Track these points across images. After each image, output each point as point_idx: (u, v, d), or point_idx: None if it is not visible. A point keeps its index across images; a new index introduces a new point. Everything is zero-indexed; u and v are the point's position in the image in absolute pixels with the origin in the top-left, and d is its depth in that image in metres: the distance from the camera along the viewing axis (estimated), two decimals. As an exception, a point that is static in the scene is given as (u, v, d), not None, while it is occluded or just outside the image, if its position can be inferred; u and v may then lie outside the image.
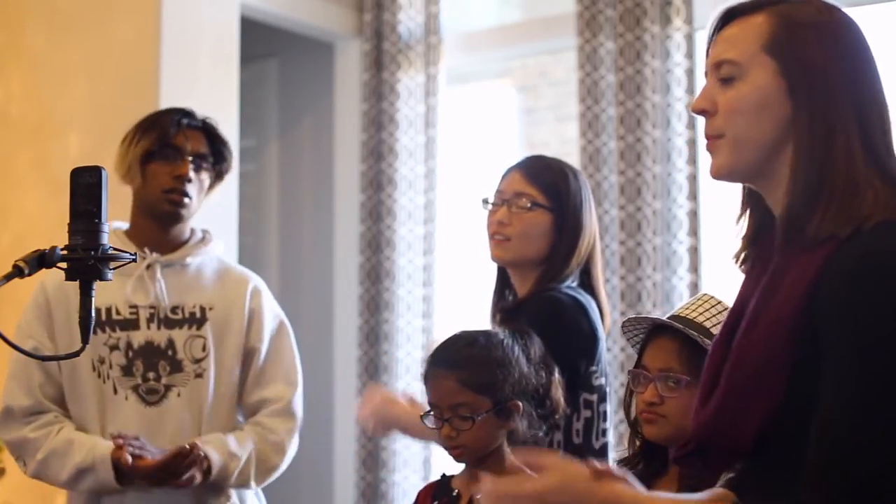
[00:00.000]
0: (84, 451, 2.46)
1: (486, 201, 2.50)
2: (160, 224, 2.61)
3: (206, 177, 2.64)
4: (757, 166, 1.47)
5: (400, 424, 2.45)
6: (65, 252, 1.48)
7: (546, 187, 2.43)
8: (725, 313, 1.87)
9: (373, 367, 4.20)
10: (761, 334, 1.40)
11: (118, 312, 2.55)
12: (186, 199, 2.58)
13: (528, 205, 2.41)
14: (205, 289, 2.63)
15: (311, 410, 4.46)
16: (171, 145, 2.58)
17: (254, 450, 2.57)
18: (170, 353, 2.55)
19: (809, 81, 1.43)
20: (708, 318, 1.91)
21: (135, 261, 1.58)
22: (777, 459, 1.42)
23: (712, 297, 1.95)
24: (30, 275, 1.45)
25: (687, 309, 1.95)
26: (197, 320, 2.58)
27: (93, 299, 1.51)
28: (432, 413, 2.02)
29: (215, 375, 2.58)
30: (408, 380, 4.10)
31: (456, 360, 2.01)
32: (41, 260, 1.46)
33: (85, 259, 1.47)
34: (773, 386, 1.37)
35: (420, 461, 4.05)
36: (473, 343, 2.04)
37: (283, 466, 2.66)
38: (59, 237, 1.50)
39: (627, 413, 2.01)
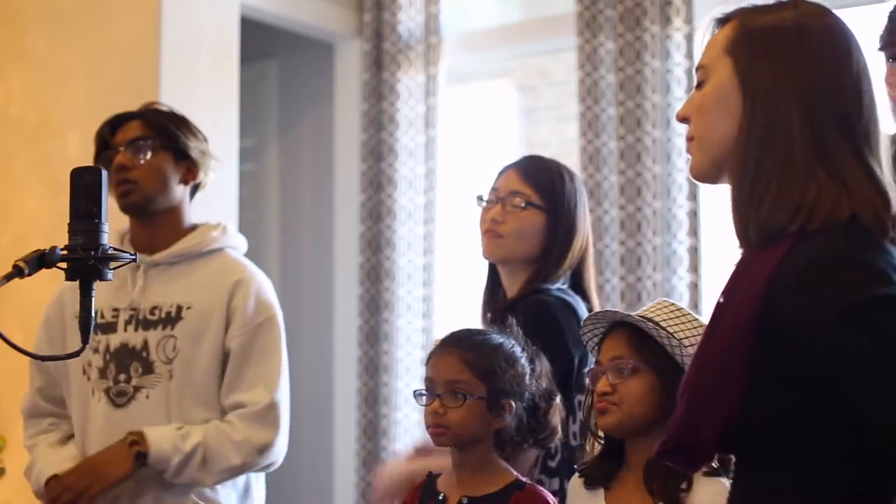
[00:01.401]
0: (33, 478, 2.55)
1: (480, 198, 2.50)
2: (141, 222, 2.58)
3: (158, 159, 2.54)
4: (720, 164, 1.49)
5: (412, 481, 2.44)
6: (65, 252, 1.48)
7: (541, 187, 2.43)
8: (681, 316, 1.93)
9: (373, 367, 4.20)
10: (720, 340, 1.42)
11: (102, 316, 2.55)
12: (129, 185, 2.51)
13: (523, 204, 2.41)
14: (188, 286, 2.54)
15: (312, 410, 4.48)
16: (108, 147, 2.57)
17: (202, 444, 2.44)
18: (144, 354, 2.50)
19: (755, 77, 1.46)
20: (665, 318, 1.92)
21: (135, 261, 1.58)
22: (747, 454, 1.46)
23: (671, 304, 1.97)
24: (30, 275, 1.45)
25: (644, 310, 1.97)
26: (171, 320, 2.51)
27: (93, 300, 1.51)
28: (425, 389, 2.02)
29: (185, 377, 2.48)
30: (408, 380, 4.10)
31: (464, 342, 2.03)
32: (41, 260, 1.46)
33: (85, 259, 1.47)
34: (731, 392, 1.39)
35: (420, 461, 4.05)
36: (485, 333, 2.08)
37: (246, 468, 2.50)
38: (59, 237, 1.51)
39: (588, 417, 2.01)
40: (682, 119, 1.55)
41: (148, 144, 2.53)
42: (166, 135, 2.56)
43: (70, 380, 2.58)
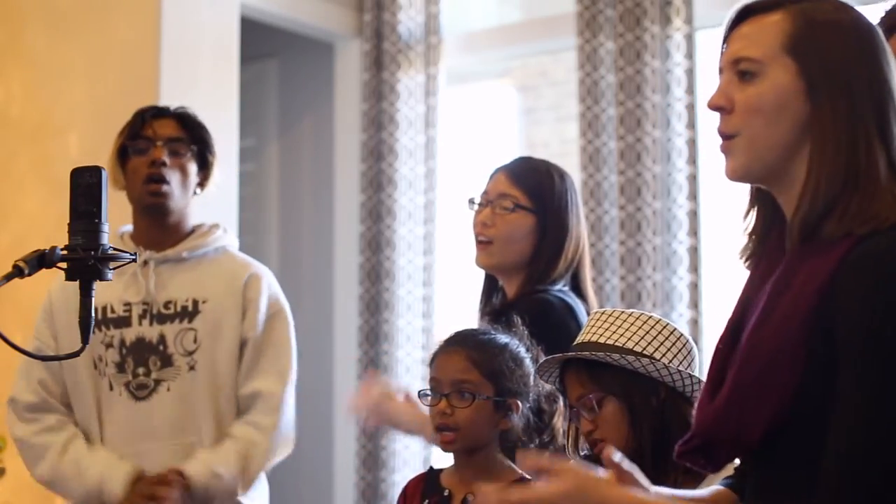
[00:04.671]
0: (94, 480, 2.51)
1: (471, 202, 2.50)
2: (155, 220, 2.61)
3: (188, 164, 2.61)
4: (772, 167, 1.45)
5: (394, 421, 2.49)
6: (65, 252, 1.48)
7: (530, 189, 2.43)
8: (624, 319, 1.91)
9: (373, 367, 4.19)
10: (773, 330, 1.38)
11: (113, 311, 2.58)
12: (165, 186, 2.56)
13: (511, 206, 2.41)
14: (201, 282, 2.61)
15: (311, 410, 4.47)
16: (142, 136, 2.60)
17: (240, 466, 2.53)
18: (161, 348, 2.55)
19: (830, 82, 1.42)
20: (606, 332, 1.91)
21: (134, 261, 1.58)
22: (784, 458, 1.41)
23: (604, 313, 1.96)
24: (30, 275, 1.45)
25: (586, 334, 1.95)
26: (189, 314, 2.57)
27: (93, 299, 1.51)
28: (430, 389, 2.00)
29: (209, 368, 2.56)
30: (408, 380, 4.09)
31: (471, 341, 2.01)
32: (41, 260, 1.46)
33: (85, 259, 1.47)
34: (783, 381, 1.36)
35: (420, 461, 4.05)
36: (490, 333, 2.05)
37: (268, 466, 2.62)
38: (59, 237, 1.50)
39: (576, 447, 1.99)
40: (718, 108, 1.48)
41: (187, 147, 2.61)
42: (201, 142, 2.65)
43: (77, 375, 2.58)
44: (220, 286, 2.61)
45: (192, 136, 2.63)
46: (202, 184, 2.68)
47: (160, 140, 2.59)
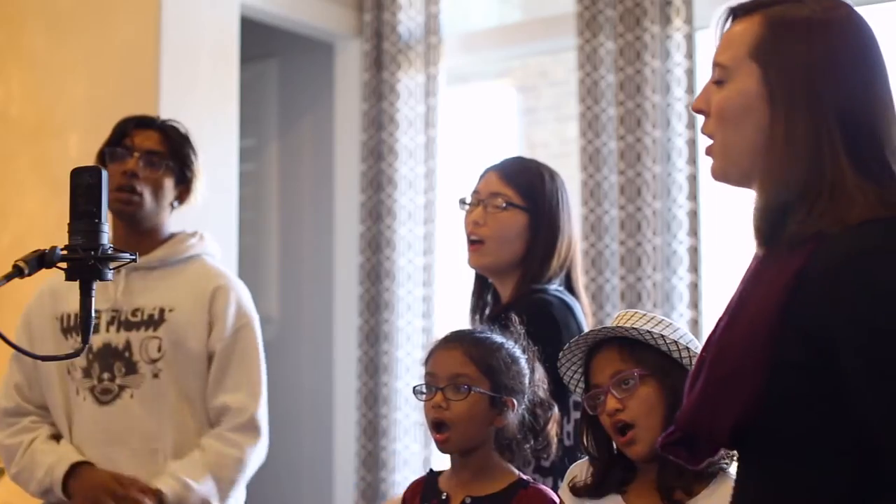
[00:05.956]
0: (43, 472, 2.54)
1: (463, 202, 2.49)
2: (127, 227, 2.62)
3: (163, 178, 2.62)
4: (746, 171, 1.47)
5: None
6: (65, 252, 1.48)
7: (522, 187, 2.42)
8: (651, 319, 1.91)
9: (373, 367, 4.20)
10: (742, 328, 1.40)
11: None
12: (136, 197, 2.58)
13: (503, 204, 2.40)
14: (169, 290, 2.62)
15: (311, 410, 4.48)
16: (122, 145, 2.62)
17: (210, 476, 2.54)
18: (126, 354, 2.56)
19: (790, 87, 1.42)
20: (639, 320, 1.91)
21: (135, 261, 1.58)
22: (755, 451, 1.44)
23: (635, 312, 1.96)
24: (30, 275, 1.45)
25: (621, 319, 1.95)
26: (154, 322, 2.58)
27: (93, 300, 1.51)
28: (426, 385, 1.98)
29: (174, 377, 2.57)
30: (408, 380, 4.10)
31: (468, 338, 2.01)
32: (41, 260, 1.46)
33: (85, 259, 1.47)
34: (750, 381, 1.38)
35: (420, 461, 4.05)
36: (486, 332, 2.05)
37: (243, 481, 2.62)
38: (59, 237, 1.51)
39: (584, 445, 1.98)
40: (699, 111, 1.51)
41: (162, 163, 2.62)
42: (180, 159, 2.65)
43: (51, 381, 2.62)
44: (187, 297, 2.62)
45: (171, 151, 2.64)
46: (181, 197, 2.68)
47: (138, 151, 2.61)
